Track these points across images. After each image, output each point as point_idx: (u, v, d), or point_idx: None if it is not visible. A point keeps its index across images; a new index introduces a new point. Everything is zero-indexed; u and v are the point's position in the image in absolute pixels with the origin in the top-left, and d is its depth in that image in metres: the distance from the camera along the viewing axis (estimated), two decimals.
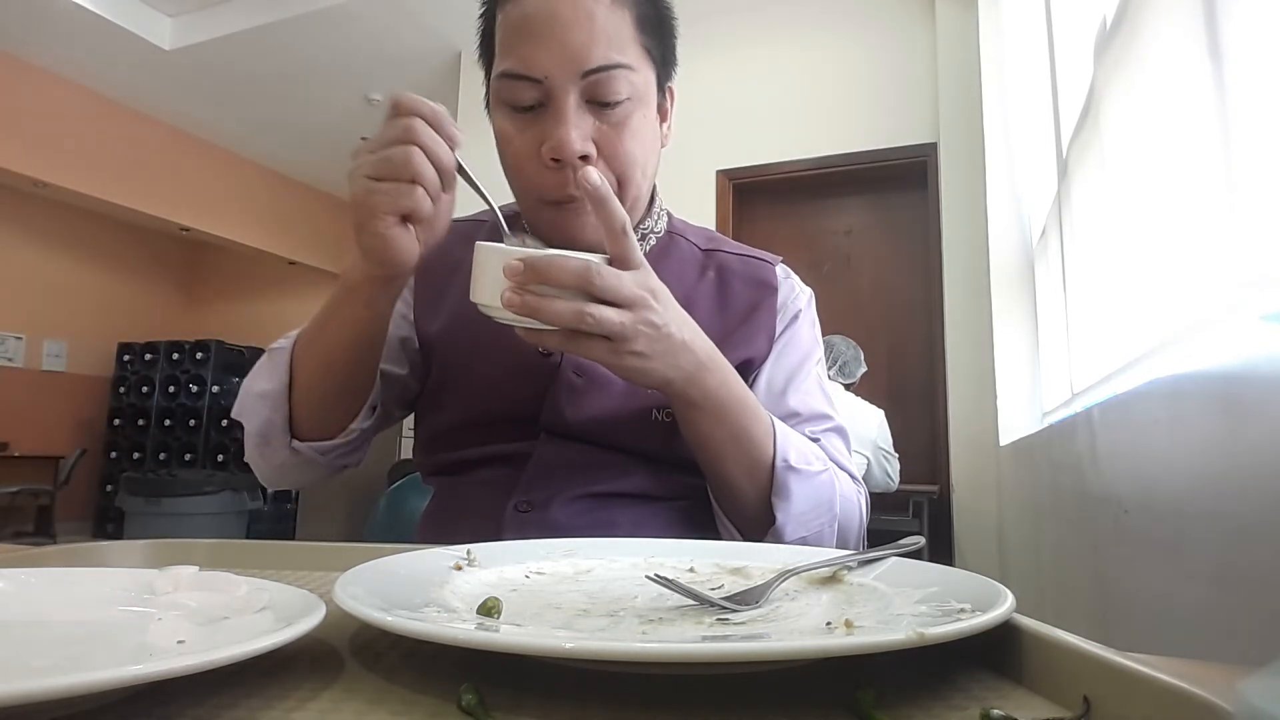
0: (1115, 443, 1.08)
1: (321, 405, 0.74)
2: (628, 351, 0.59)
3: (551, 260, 0.55)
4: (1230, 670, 0.26)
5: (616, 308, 0.57)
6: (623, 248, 0.58)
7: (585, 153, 0.70)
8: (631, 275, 0.58)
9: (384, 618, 0.31)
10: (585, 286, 0.56)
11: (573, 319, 0.56)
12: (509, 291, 0.55)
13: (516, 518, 0.74)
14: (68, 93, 5.08)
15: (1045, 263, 2.27)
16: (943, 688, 0.32)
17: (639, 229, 0.82)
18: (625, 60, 0.70)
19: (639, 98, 0.72)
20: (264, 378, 0.75)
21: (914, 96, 3.49)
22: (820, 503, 0.71)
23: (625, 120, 0.72)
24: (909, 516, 3.09)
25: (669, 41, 0.78)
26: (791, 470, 0.69)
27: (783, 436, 0.70)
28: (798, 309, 0.85)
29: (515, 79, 0.70)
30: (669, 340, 0.60)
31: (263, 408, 0.74)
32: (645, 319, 0.58)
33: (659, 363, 0.61)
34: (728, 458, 0.69)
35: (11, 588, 0.40)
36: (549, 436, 0.77)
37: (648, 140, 0.75)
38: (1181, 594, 0.78)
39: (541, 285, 0.55)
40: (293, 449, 0.75)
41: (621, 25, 0.71)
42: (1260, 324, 0.67)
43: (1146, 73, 1.14)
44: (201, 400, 6.55)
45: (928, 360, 3.43)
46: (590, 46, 0.69)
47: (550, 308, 0.55)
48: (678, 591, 0.40)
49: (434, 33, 4.29)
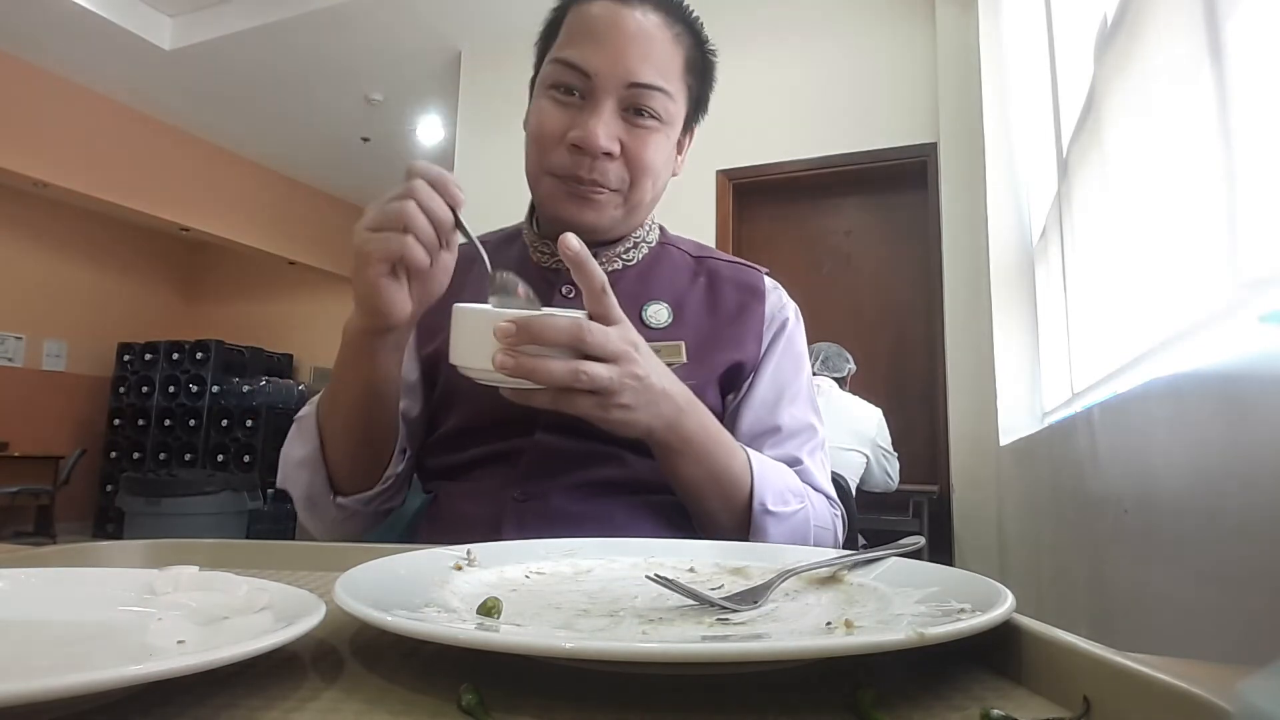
0: (1115, 443, 1.08)
1: (353, 461, 0.77)
2: (615, 405, 0.61)
3: (544, 320, 0.57)
4: (1230, 670, 0.26)
5: (604, 363, 0.59)
6: (604, 306, 0.60)
7: (609, 149, 0.76)
8: (616, 330, 0.60)
9: (384, 618, 0.31)
10: (576, 344, 0.58)
11: (568, 377, 0.57)
12: (501, 355, 0.56)
13: (516, 507, 0.76)
14: (68, 93, 5.09)
15: (1045, 263, 2.27)
16: (943, 688, 0.32)
17: (631, 238, 0.86)
18: (668, 87, 0.78)
19: (669, 122, 0.80)
20: (298, 445, 0.79)
21: (914, 96, 3.48)
22: (795, 539, 0.75)
23: (651, 134, 0.78)
24: (909, 516, 3.09)
25: (707, 89, 0.86)
26: (769, 514, 0.72)
27: (759, 475, 0.73)
28: (785, 318, 0.87)
29: (569, 66, 0.77)
30: (651, 390, 0.63)
31: (303, 474, 0.78)
32: (630, 372, 0.60)
33: (643, 413, 0.63)
34: (707, 496, 0.72)
35: (11, 588, 0.40)
36: (545, 430, 0.78)
37: (664, 160, 0.81)
38: (1181, 594, 0.78)
39: (532, 345, 0.57)
40: (338, 505, 0.78)
41: (673, 57, 0.79)
42: (1260, 324, 0.67)
43: (1147, 72, 1.14)
44: (201, 400, 6.55)
45: (928, 360, 3.43)
46: (643, 63, 0.76)
47: (545, 368, 0.57)
48: (678, 591, 0.40)
49: (434, 33, 4.29)
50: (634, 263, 0.86)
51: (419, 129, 5.53)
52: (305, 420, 0.79)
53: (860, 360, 3.11)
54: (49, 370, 6.68)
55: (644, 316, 0.82)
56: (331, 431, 0.76)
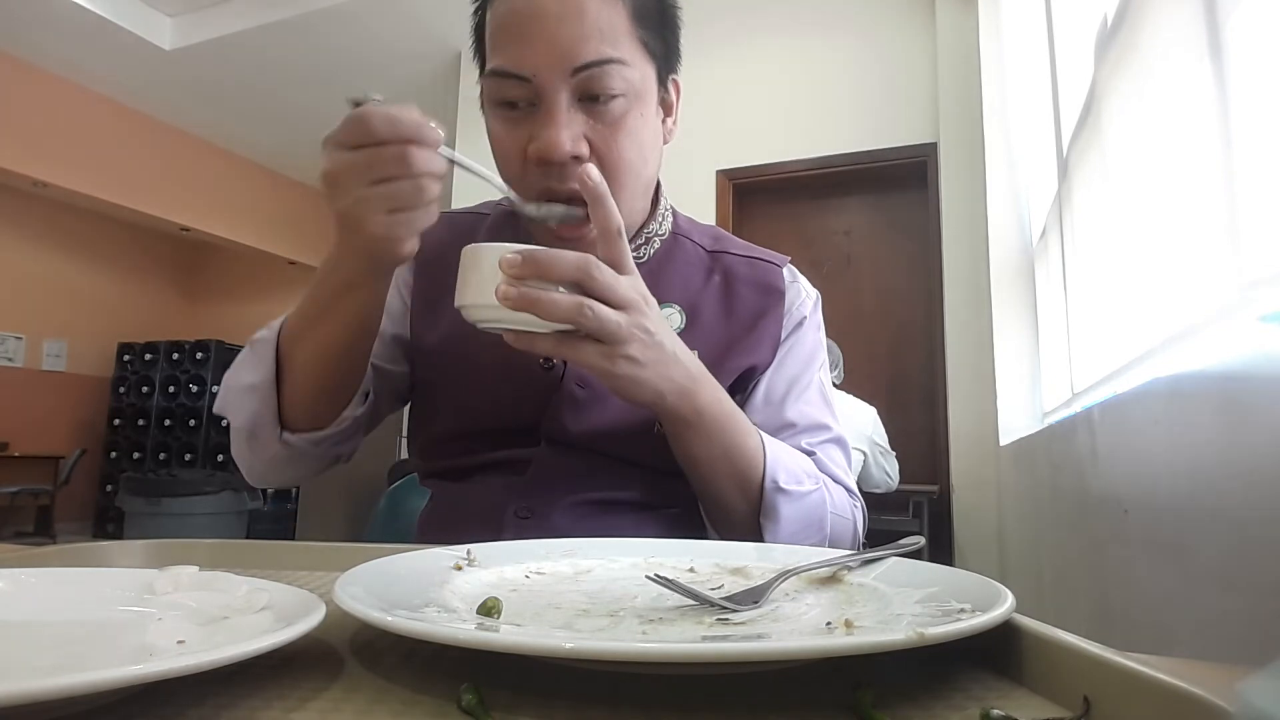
0: (1115, 443, 1.08)
1: (314, 395, 0.71)
2: (621, 356, 0.57)
3: (550, 253, 0.55)
4: (1230, 670, 0.26)
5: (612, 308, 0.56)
6: (616, 251, 0.58)
7: (577, 153, 0.67)
8: (626, 279, 0.58)
9: (384, 618, 0.31)
10: (584, 280, 0.55)
11: (572, 310, 0.54)
12: (505, 284, 0.54)
13: (516, 523, 0.74)
14: (68, 93, 5.08)
15: (1045, 263, 2.27)
16: (943, 688, 0.31)
17: (643, 232, 0.80)
18: (618, 55, 0.67)
19: (635, 94, 0.69)
20: (248, 370, 0.72)
21: (914, 96, 3.48)
22: (810, 523, 0.71)
23: (620, 119, 0.69)
24: (909, 516, 3.09)
25: (671, 33, 0.74)
26: (781, 492, 0.68)
27: (773, 455, 0.69)
28: (803, 315, 0.82)
29: (503, 77, 0.68)
30: (661, 349, 0.59)
31: (249, 401, 0.71)
32: (639, 323, 0.57)
33: (651, 372, 0.59)
34: (718, 475, 0.69)
35: (11, 588, 0.40)
36: (550, 445, 0.76)
37: (645, 139, 0.72)
38: (1181, 594, 0.78)
39: (538, 280, 0.55)
40: (284, 441, 0.71)
41: (615, 18, 0.68)
42: (1260, 324, 0.67)
43: (1147, 72, 1.14)
44: (201, 400, 6.55)
45: (928, 360, 3.43)
46: (581, 42, 0.66)
47: (550, 299, 0.54)
48: (678, 591, 0.40)
49: (434, 33, 4.29)
50: (645, 260, 0.80)
51: None
52: (262, 345, 0.71)
53: (860, 360, 3.11)
54: (49, 370, 6.68)
55: None
56: (294, 361, 0.69)
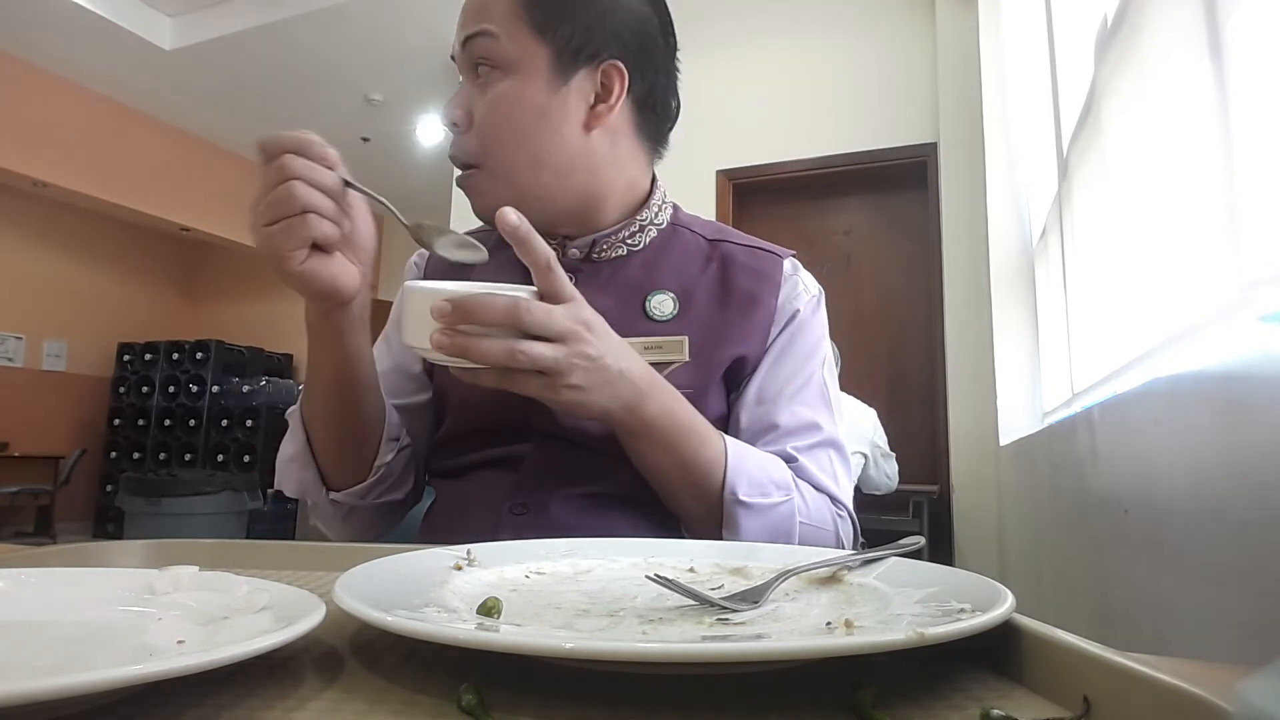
0: (1115, 443, 1.08)
1: (338, 451, 0.75)
2: (564, 385, 0.58)
3: (478, 299, 0.55)
4: (1230, 670, 0.26)
5: (549, 342, 0.57)
6: (550, 283, 0.58)
7: (453, 119, 0.75)
8: (563, 309, 0.58)
9: (384, 618, 0.31)
10: (514, 323, 0.56)
11: (504, 357, 0.56)
12: (438, 334, 0.55)
13: (512, 520, 0.74)
14: (68, 93, 5.09)
15: (1045, 263, 2.27)
16: (943, 688, 0.31)
17: (636, 220, 0.80)
18: (490, 27, 0.73)
19: (509, 66, 0.74)
20: (288, 443, 0.77)
21: (914, 96, 3.49)
22: (776, 536, 0.69)
23: (485, 88, 0.75)
24: (909, 516, 3.09)
25: (584, 17, 0.74)
26: (741, 504, 0.68)
27: (734, 465, 0.68)
28: (796, 308, 0.80)
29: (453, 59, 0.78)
30: (605, 371, 0.60)
31: (294, 471, 0.76)
32: (579, 351, 0.58)
33: (596, 394, 0.60)
34: (673, 484, 0.69)
35: (11, 588, 0.40)
36: (542, 440, 0.76)
37: (513, 112, 0.74)
38: (1181, 594, 0.78)
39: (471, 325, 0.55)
40: (333, 501, 0.76)
41: None
42: (1260, 324, 0.67)
43: (1147, 72, 1.14)
44: (201, 400, 6.55)
45: (928, 360, 3.43)
46: (470, 17, 0.75)
47: (480, 347, 0.55)
48: (678, 591, 0.40)
49: (434, 33, 4.29)
50: (640, 248, 0.81)
51: (419, 129, 5.53)
52: (292, 417, 0.77)
53: (860, 360, 3.11)
54: (49, 370, 6.67)
55: (648, 308, 0.77)
56: (314, 424, 0.74)
